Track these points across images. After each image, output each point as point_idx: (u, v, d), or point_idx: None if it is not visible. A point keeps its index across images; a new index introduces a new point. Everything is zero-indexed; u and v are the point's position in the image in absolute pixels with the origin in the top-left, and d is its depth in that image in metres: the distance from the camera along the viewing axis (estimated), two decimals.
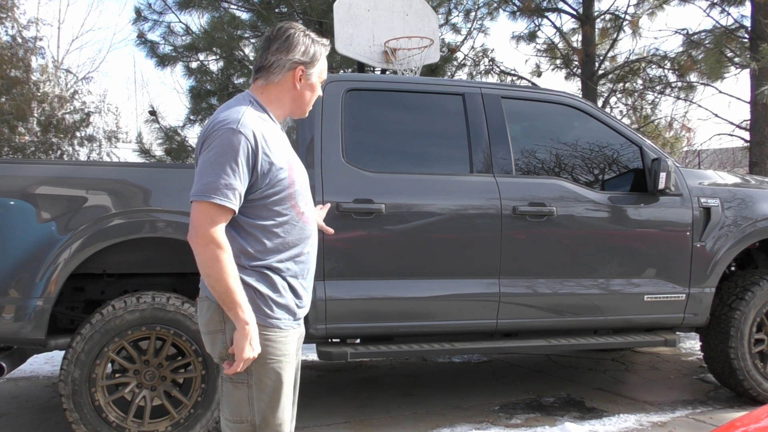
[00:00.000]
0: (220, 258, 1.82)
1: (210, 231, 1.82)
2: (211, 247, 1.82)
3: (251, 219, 1.92)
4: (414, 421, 3.92)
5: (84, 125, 11.35)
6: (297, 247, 1.98)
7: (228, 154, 1.83)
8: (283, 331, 1.95)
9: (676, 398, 4.41)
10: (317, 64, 2.02)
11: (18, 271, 3.21)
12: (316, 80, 2.04)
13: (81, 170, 3.60)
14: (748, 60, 7.83)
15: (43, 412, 4.16)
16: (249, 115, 1.90)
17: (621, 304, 3.95)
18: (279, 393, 1.94)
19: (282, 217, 1.94)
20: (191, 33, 10.40)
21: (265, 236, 1.92)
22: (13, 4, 10.45)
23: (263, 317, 1.91)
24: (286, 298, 1.96)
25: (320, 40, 2.04)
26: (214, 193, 1.82)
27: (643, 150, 4.03)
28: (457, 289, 3.70)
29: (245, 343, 1.83)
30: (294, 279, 1.99)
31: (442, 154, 3.88)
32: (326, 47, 2.05)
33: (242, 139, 1.84)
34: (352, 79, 3.97)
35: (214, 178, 1.82)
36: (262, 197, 1.91)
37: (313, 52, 2.00)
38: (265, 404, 1.93)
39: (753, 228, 4.16)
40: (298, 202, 1.97)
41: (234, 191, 1.83)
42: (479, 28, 11.17)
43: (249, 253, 1.92)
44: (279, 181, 1.91)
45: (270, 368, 1.92)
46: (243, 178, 1.85)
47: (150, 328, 3.33)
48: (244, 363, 1.85)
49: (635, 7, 10.25)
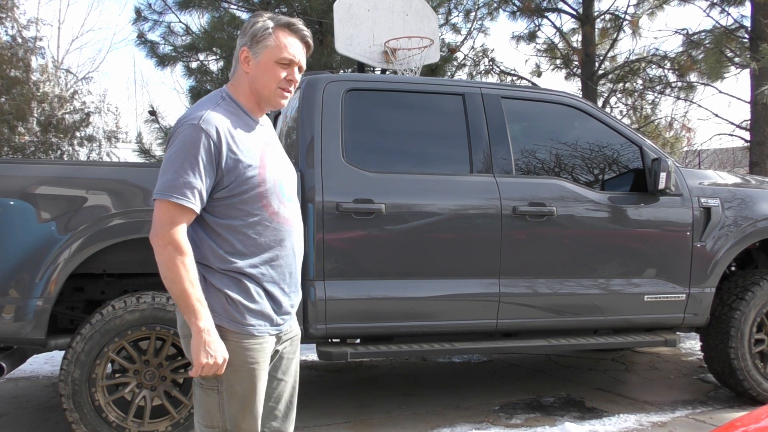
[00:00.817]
0: (176, 261, 1.76)
1: (169, 232, 1.77)
2: (169, 249, 1.77)
3: (220, 218, 1.86)
4: (414, 421, 3.92)
5: (84, 125, 11.35)
6: (272, 249, 1.90)
7: (188, 151, 1.78)
8: (257, 338, 1.88)
9: (676, 398, 4.41)
10: (263, 41, 1.87)
11: (18, 271, 3.21)
12: (268, 59, 1.88)
13: (81, 170, 3.60)
14: (748, 60, 7.83)
15: (43, 412, 4.16)
16: (215, 111, 1.84)
17: (621, 304, 3.95)
18: (251, 400, 1.90)
19: (252, 217, 1.86)
20: (191, 33, 10.41)
21: (234, 237, 1.86)
22: (13, 4, 10.45)
23: (234, 324, 1.85)
24: (261, 305, 1.89)
25: (275, 18, 1.91)
26: (172, 192, 1.77)
27: (643, 150, 4.03)
28: (457, 289, 3.70)
29: (200, 349, 1.77)
30: (272, 285, 1.91)
31: (442, 154, 3.88)
32: (275, 22, 1.90)
33: (203, 136, 1.78)
34: (352, 79, 3.97)
35: (173, 176, 1.78)
36: (230, 195, 1.84)
37: (256, 29, 1.89)
38: (236, 410, 1.89)
39: (753, 228, 4.16)
40: (270, 202, 1.88)
41: (193, 190, 1.78)
42: (479, 28, 11.19)
43: (219, 255, 1.86)
44: (247, 179, 1.84)
45: (241, 375, 1.87)
46: (204, 175, 1.79)
47: (150, 328, 3.33)
48: (204, 369, 1.79)
49: (635, 7, 10.27)
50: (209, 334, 1.78)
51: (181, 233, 1.78)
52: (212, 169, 1.80)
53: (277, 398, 2.09)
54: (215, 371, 1.81)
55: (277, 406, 2.10)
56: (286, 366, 2.08)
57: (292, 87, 1.94)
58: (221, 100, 1.91)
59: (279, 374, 2.08)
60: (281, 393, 2.10)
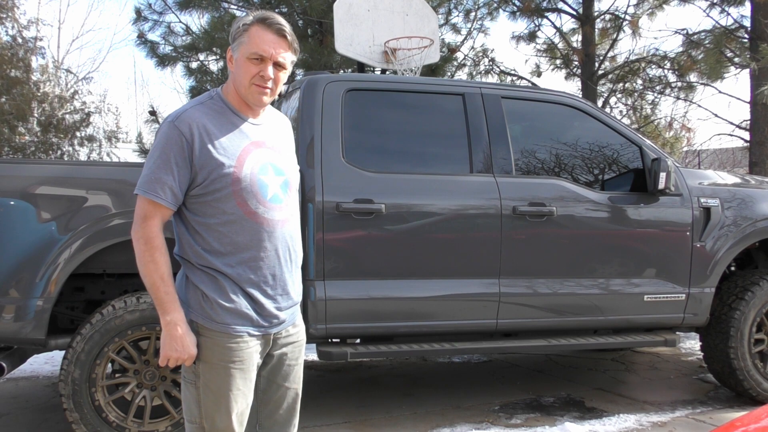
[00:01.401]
0: (145, 255, 1.81)
1: (141, 226, 1.83)
2: (140, 243, 1.82)
3: (197, 216, 1.88)
4: (414, 421, 3.92)
5: (84, 125, 11.36)
6: (249, 250, 1.88)
7: (162, 148, 1.83)
8: (234, 337, 1.87)
9: (676, 398, 4.41)
10: (238, 39, 1.88)
11: (18, 271, 3.22)
12: (243, 56, 1.87)
13: (81, 170, 3.61)
14: (748, 60, 7.83)
15: (43, 412, 4.16)
16: (193, 109, 1.87)
17: (621, 304, 3.95)
18: (226, 398, 1.88)
19: (227, 215, 1.85)
20: (191, 33, 10.42)
21: (210, 234, 1.86)
22: (13, 4, 10.45)
23: (209, 321, 1.87)
24: (237, 304, 1.87)
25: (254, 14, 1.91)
26: (144, 188, 1.83)
27: (643, 150, 4.03)
28: (457, 289, 3.70)
29: (167, 341, 1.83)
30: (251, 286, 1.89)
31: (442, 154, 3.87)
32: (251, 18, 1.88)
33: (176, 133, 1.82)
34: (352, 79, 3.97)
35: (147, 173, 1.83)
36: (204, 193, 1.85)
37: (233, 29, 1.90)
38: (211, 408, 1.90)
39: (753, 228, 4.16)
40: (246, 201, 1.85)
41: (163, 185, 1.81)
42: (479, 28, 11.20)
43: (196, 251, 1.88)
44: (220, 177, 1.83)
45: (216, 373, 1.88)
46: (176, 172, 1.82)
47: (150, 328, 3.33)
48: (170, 361, 1.84)
49: (635, 7, 10.27)
50: (175, 328, 1.82)
51: (153, 228, 1.82)
52: (185, 166, 1.82)
53: (278, 403, 2.08)
54: (181, 363, 1.86)
55: (277, 410, 2.08)
56: (286, 372, 2.06)
57: (269, 83, 1.88)
58: (208, 99, 1.93)
59: (279, 379, 2.06)
60: (281, 398, 2.08)
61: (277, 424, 2.09)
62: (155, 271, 1.81)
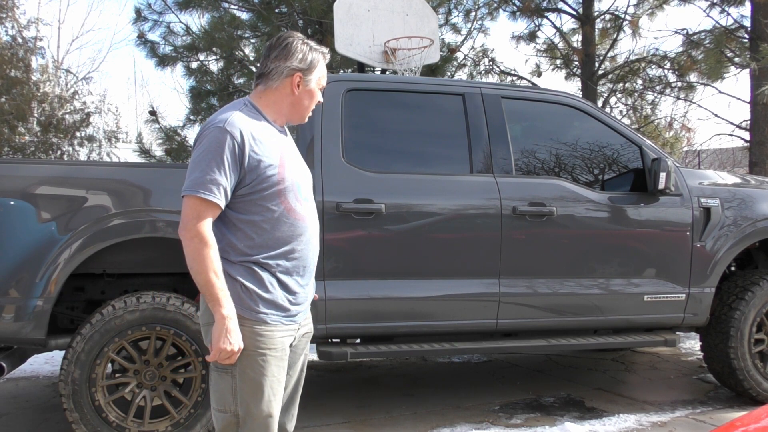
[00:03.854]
0: (202, 252, 1.89)
1: (196, 225, 1.90)
2: (195, 241, 1.90)
3: (240, 214, 1.98)
4: (414, 421, 3.92)
5: (84, 125, 11.35)
6: (289, 244, 2.02)
7: (214, 151, 1.92)
8: (269, 326, 1.98)
9: (676, 398, 4.41)
10: (315, 71, 2.08)
11: (18, 271, 3.21)
12: (315, 87, 2.10)
13: (81, 170, 3.60)
14: (748, 60, 7.83)
15: (43, 412, 4.16)
16: (238, 115, 1.98)
17: (621, 304, 3.95)
18: (262, 385, 1.98)
19: (270, 212, 1.98)
20: (191, 33, 10.40)
21: (253, 231, 1.98)
22: (13, 4, 10.45)
23: (248, 311, 1.96)
24: (274, 294, 1.99)
25: (319, 48, 2.11)
26: (199, 188, 1.91)
27: (643, 150, 4.03)
28: (457, 289, 3.70)
29: (221, 335, 1.89)
30: (286, 276, 2.02)
31: (442, 154, 3.88)
32: (324, 55, 2.12)
33: (228, 137, 1.92)
34: (352, 79, 3.97)
35: (200, 174, 1.92)
36: (251, 192, 1.97)
37: (311, 59, 2.07)
38: (247, 395, 1.98)
39: (753, 228, 4.16)
40: (288, 198, 2.01)
41: (219, 186, 1.91)
42: (479, 28, 11.19)
43: (237, 248, 1.98)
44: (267, 177, 1.96)
45: (253, 360, 1.97)
46: (229, 174, 1.92)
47: (150, 328, 3.33)
48: (221, 354, 1.90)
49: (635, 7, 10.27)
50: (231, 321, 1.90)
51: (207, 227, 1.92)
52: (236, 168, 1.94)
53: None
54: (230, 359, 1.92)
55: None
56: (293, 360, 2.16)
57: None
58: (244, 107, 2.05)
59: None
60: (286, 385, 2.16)
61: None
62: (210, 266, 1.89)
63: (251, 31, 10.06)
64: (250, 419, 1.98)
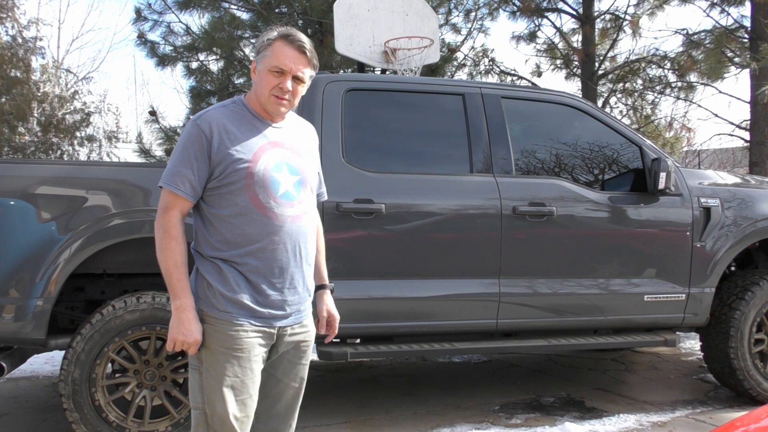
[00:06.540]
0: (163, 242, 1.94)
1: (161, 216, 1.97)
2: (160, 232, 1.96)
3: (212, 208, 2.00)
4: (414, 421, 3.92)
5: (84, 125, 11.34)
6: (258, 242, 1.97)
7: (184, 144, 1.98)
8: (235, 325, 1.96)
9: (676, 398, 4.41)
10: (263, 52, 2.02)
11: (18, 271, 3.21)
12: (263, 69, 2.01)
13: (81, 170, 3.60)
14: (748, 60, 7.84)
15: (43, 412, 4.16)
16: (214, 111, 2.02)
17: (621, 304, 3.95)
18: (222, 384, 1.95)
19: (239, 207, 1.97)
20: (191, 33, 10.41)
21: (223, 226, 1.98)
22: (14, 4, 10.44)
23: (213, 309, 1.97)
24: (239, 294, 1.96)
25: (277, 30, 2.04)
26: (165, 180, 1.97)
27: (643, 150, 4.02)
28: (457, 289, 3.70)
29: (174, 324, 1.93)
30: (255, 275, 1.97)
31: (442, 154, 3.88)
32: (275, 33, 2.01)
33: (197, 130, 1.96)
34: (352, 79, 3.97)
35: (169, 167, 1.98)
36: (220, 186, 1.97)
37: (259, 43, 2.06)
38: (212, 393, 1.97)
39: (753, 228, 4.16)
40: (257, 195, 1.96)
41: (183, 178, 1.95)
42: (479, 28, 11.19)
43: (210, 243, 2.00)
44: (235, 171, 1.95)
45: (215, 358, 1.97)
46: (195, 166, 1.96)
47: (150, 328, 3.33)
48: (176, 345, 1.93)
49: (635, 7, 10.26)
50: (183, 312, 1.93)
51: (172, 219, 1.96)
52: (204, 160, 1.96)
53: (276, 398, 2.13)
54: (189, 350, 1.96)
55: (275, 405, 2.13)
56: (287, 368, 2.12)
57: (287, 95, 2.02)
58: (231, 104, 2.07)
59: (279, 374, 2.12)
60: (280, 394, 2.13)
61: (274, 419, 2.14)
62: (170, 258, 1.93)
63: (251, 31, 10.06)
64: (215, 418, 1.97)
